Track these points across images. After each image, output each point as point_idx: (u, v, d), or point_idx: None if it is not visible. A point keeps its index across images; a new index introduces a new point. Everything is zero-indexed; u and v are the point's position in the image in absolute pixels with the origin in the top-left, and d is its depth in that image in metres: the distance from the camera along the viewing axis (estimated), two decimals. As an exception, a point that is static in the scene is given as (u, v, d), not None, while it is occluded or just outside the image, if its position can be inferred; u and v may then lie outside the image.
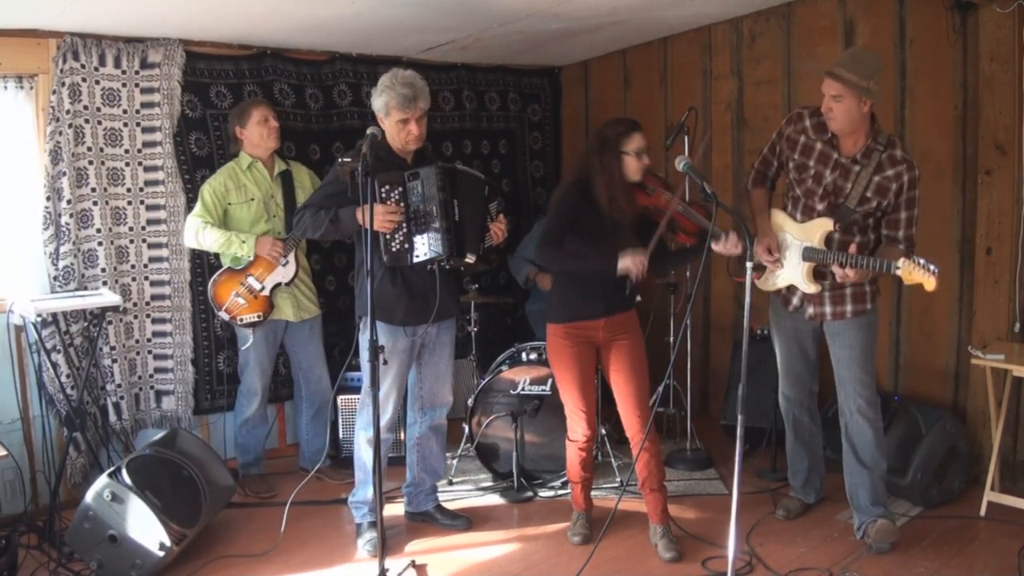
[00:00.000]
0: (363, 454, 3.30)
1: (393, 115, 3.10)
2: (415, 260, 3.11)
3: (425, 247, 3.10)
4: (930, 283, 2.68)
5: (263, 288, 3.75)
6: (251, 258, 3.72)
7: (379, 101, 3.11)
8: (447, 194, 3.10)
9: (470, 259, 3.15)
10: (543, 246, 3.16)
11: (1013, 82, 3.40)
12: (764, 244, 3.16)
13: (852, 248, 2.89)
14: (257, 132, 3.77)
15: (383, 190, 3.08)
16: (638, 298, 3.39)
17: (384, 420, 3.19)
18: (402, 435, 3.79)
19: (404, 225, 3.09)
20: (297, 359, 4.04)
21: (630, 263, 2.96)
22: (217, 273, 3.77)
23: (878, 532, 3.09)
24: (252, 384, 3.89)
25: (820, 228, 3.02)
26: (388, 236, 3.09)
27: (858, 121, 2.93)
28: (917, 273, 2.69)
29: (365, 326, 3.20)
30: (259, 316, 3.77)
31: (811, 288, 3.09)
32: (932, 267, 2.68)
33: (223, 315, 3.73)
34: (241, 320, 3.74)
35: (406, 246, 3.10)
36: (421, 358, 3.38)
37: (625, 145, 3.04)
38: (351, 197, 3.02)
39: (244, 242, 3.66)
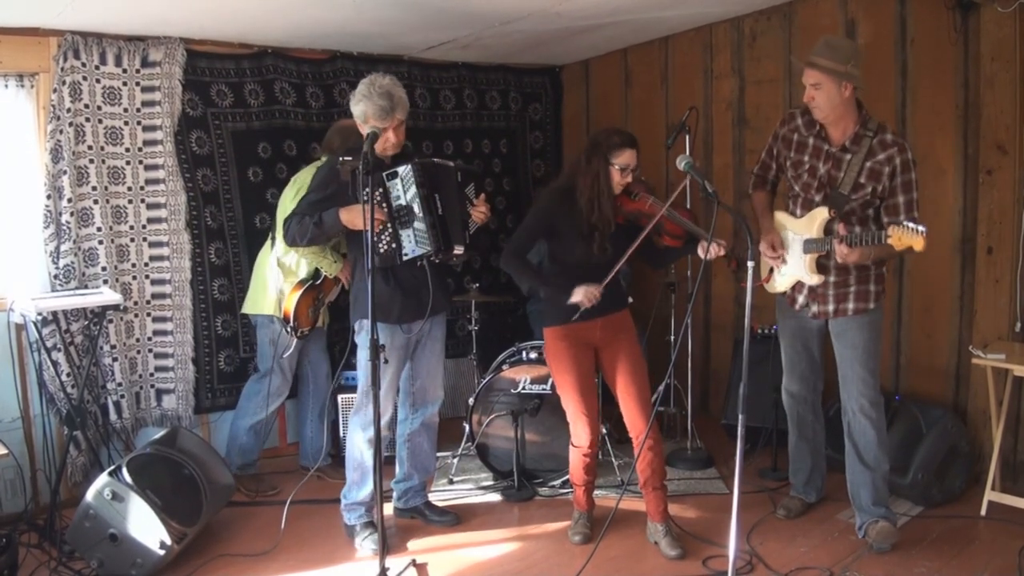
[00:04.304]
0: (361, 454, 3.30)
1: (371, 123, 3.07)
2: (404, 258, 3.11)
3: (412, 244, 3.11)
4: (919, 243, 2.66)
5: (325, 303, 3.91)
6: (331, 277, 3.80)
7: (357, 109, 3.10)
8: (427, 190, 3.11)
9: (458, 250, 3.16)
10: (509, 250, 3.19)
11: (1014, 82, 3.40)
12: (768, 240, 3.18)
13: (841, 228, 2.90)
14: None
15: (364, 192, 3.04)
16: (630, 299, 3.40)
17: (385, 418, 3.20)
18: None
19: (389, 225, 3.10)
20: (310, 357, 4.07)
21: (582, 295, 2.99)
22: (299, 292, 3.74)
23: (879, 533, 3.10)
24: (282, 389, 3.94)
25: (818, 217, 3.04)
26: (375, 237, 3.07)
27: (841, 107, 2.95)
28: (906, 236, 2.68)
29: (362, 328, 3.23)
30: (312, 327, 3.86)
31: (814, 279, 3.09)
32: (920, 228, 2.67)
33: (287, 327, 3.75)
34: (302, 332, 3.79)
35: (393, 245, 3.11)
36: (414, 354, 3.39)
37: (614, 157, 3.03)
38: (350, 196, 3.04)
39: (336, 262, 3.76)
